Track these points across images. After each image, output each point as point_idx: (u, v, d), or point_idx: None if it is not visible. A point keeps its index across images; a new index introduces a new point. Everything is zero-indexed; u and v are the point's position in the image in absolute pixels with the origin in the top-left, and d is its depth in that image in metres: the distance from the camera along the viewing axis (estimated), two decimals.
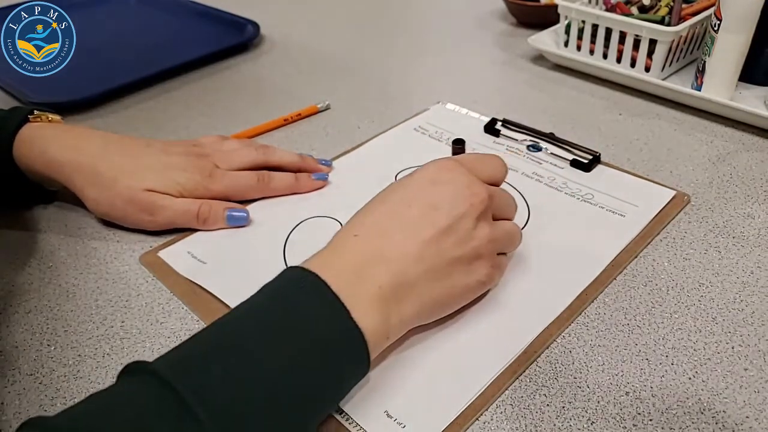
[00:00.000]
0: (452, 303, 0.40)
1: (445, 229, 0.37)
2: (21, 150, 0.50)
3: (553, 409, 0.36)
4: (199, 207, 0.49)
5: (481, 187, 0.39)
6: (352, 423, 0.35)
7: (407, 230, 0.37)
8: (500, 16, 0.91)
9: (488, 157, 0.43)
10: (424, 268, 0.36)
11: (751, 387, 0.37)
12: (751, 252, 0.47)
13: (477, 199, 0.38)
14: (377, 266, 0.35)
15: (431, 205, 0.38)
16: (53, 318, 0.43)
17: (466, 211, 0.38)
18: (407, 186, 0.39)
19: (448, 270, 0.37)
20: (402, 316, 0.36)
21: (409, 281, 0.36)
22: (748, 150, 0.59)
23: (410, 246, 0.36)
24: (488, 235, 0.39)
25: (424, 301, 0.37)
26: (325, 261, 0.36)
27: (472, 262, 0.38)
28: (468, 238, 0.38)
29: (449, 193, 0.38)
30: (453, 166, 0.40)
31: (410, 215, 0.37)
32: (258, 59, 0.81)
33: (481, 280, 0.39)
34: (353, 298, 0.33)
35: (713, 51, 0.61)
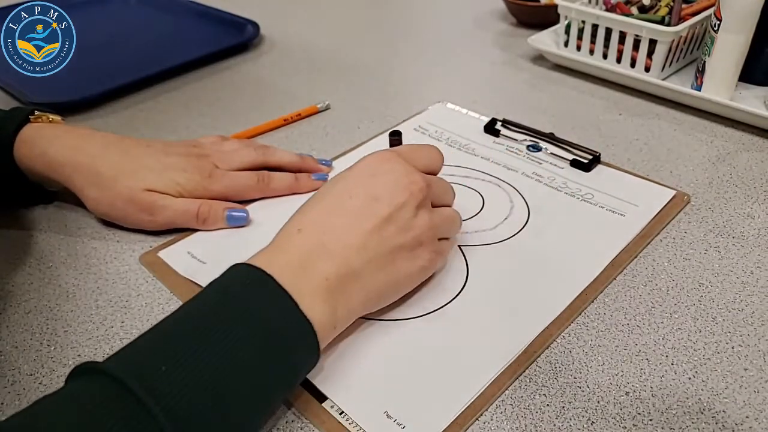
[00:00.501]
0: (397, 290, 0.41)
1: (387, 218, 0.38)
2: (21, 150, 0.50)
3: (553, 409, 0.36)
4: (198, 207, 0.49)
5: (419, 176, 0.40)
6: (353, 424, 0.35)
7: (349, 222, 0.38)
8: (500, 16, 0.91)
9: (424, 147, 0.44)
10: (368, 257, 0.37)
11: (751, 387, 0.37)
12: (750, 252, 0.47)
13: (416, 188, 0.39)
14: (322, 259, 0.36)
15: (372, 196, 0.38)
16: (53, 318, 0.43)
17: (405, 200, 0.39)
18: (347, 178, 0.40)
19: (391, 258, 0.38)
20: (349, 306, 0.37)
21: (354, 272, 0.37)
22: (748, 150, 0.59)
23: (353, 237, 0.37)
24: (428, 222, 0.40)
25: (369, 291, 0.38)
26: (271, 257, 0.36)
27: (414, 249, 0.40)
28: (409, 226, 0.39)
29: (389, 184, 0.39)
30: (390, 156, 0.41)
31: (351, 207, 0.38)
32: (258, 59, 0.81)
33: (423, 265, 0.40)
34: (300, 292, 0.34)
35: (713, 51, 0.61)
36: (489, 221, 0.50)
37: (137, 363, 0.29)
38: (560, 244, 0.47)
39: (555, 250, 0.47)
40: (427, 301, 0.43)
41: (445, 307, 0.42)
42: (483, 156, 0.58)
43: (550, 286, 0.44)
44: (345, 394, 0.37)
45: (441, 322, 0.41)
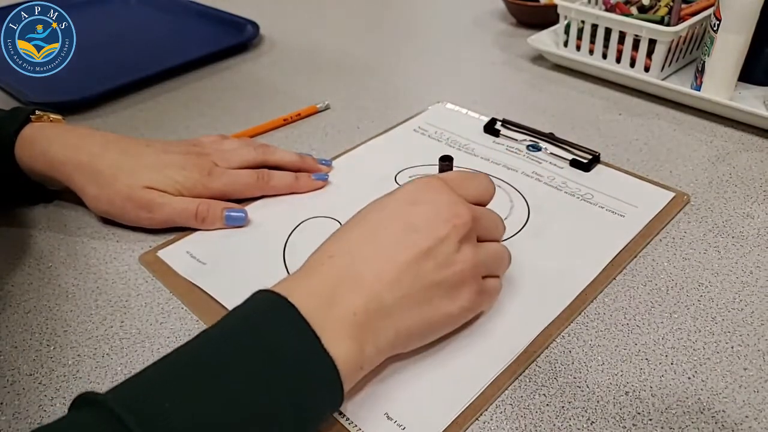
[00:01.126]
0: (433, 331, 0.37)
1: (425, 251, 0.35)
2: (22, 150, 0.50)
3: (552, 408, 0.36)
4: (197, 206, 0.49)
5: (465, 207, 0.37)
6: (353, 425, 0.35)
7: (384, 252, 0.35)
8: (500, 16, 0.91)
9: (475, 175, 0.41)
10: (402, 293, 0.34)
11: (751, 387, 0.37)
12: (750, 252, 0.47)
13: (459, 221, 0.36)
14: (351, 291, 0.33)
15: (410, 227, 0.36)
16: (52, 318, 0.43)
17: (447, 233, 0.36)
18: (386, 205, 0.37)
19: (428, 296, 0.35)
20: (378, 345, 0.34)
21: (386, 307, 0.34)
22: (748, 150, 0.59)
23: (387, 269, 0.34)
24: (472, 258, 0.36)
25: (401, 329, 0.35)
26: (297, 284, 0.34)
27: (455, 288, 0.36)
28: (449, 261, 0.35)
29: (429, 214, 0.36)
30: (435, 185, 0.38)
31: (388, 236, 0.35)
32: (258, 59, 0.81)
33: (464, 306, 0.37)
34: (325, 324, 0.31)
35: (713, 51, 0.61)
36: None
37: (140, 397, 0.27)
38: (560, 244, 0.47)
39: (555, 250, 0.47)
40: None
41: None
42: (483, 156, 0.58)
43: (550, 286, 0.44)
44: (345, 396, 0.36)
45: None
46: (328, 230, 0.49)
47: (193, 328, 0.42)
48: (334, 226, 0.49)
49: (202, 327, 0.42)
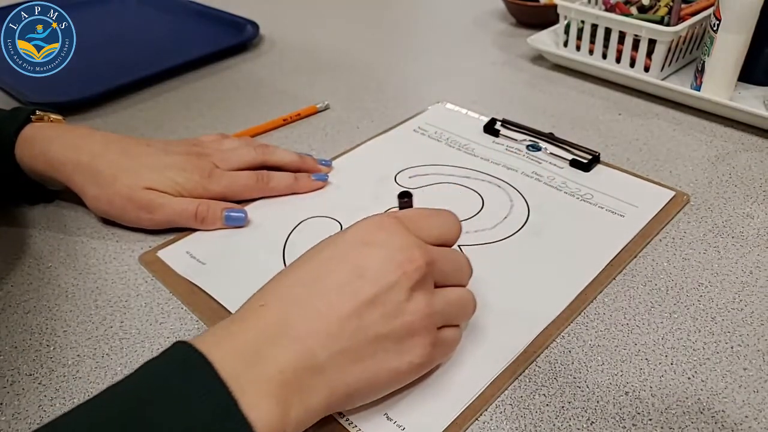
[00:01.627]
0: (377, 389, 0.34)
1: (370, 300, 0.32)
2: (23, 149, 0.50)
3: (552, 409, 0.36)
4: (197, 206, 0.49)
5: (419, 250, 0.33)
6: (353, 426, 0.35)
7: (323, 300, 0.32)
8: (499, 16, 0.91)
9: (437, 213, 0.37)
10: (340, 347, 0.31)
11: (750, 387, 0.37)
12: (750, 252, 0.47)
13: (411, 267, 0.32)
14: (280, 345, 0.30)
15: (356, 271, 0.32)
16: (52, 318, 0.43)
17: (396, 280, 0.32)
18: (334, 246, 0.34)
19: (371, 350, 0.32)
20: (307, 407, 0.30)
21: (319, 364, 0.30)
22: (748, 150, 0.59)
23: (324, 321, 0.31)
24: (425, 308, 0.33)
25: (337, 388, 0.31)
26: (222, 336, 0.31)
27: (404, 341, 0.33)
28: (398, 311, 0.32)
29: (379, 258, 0.33)
30: (390, 225, 0.34)
31: (330, 282, 0.32)
32: (257, 59, 0.81)
33: (414, 361, 0.33)
34: (245, 385, 0.28)
35: (712, 51, 0.61)
36: (489, 221, 0.50)
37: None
38: (560, 244, 0.47)
39: (554, 250, 0.47)
40: None
41: None
42: (482, 156, 0.58)
43: (550, 286, 0.44)
44: None
45: None
46: (328, 230, 0.49)
47: (192, 328, 0.42)
48: (333, 226, 0.50)
49: (202, 327, 0.42)
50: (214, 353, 0.29)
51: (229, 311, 0.42)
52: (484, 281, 0.44)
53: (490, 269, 0.45)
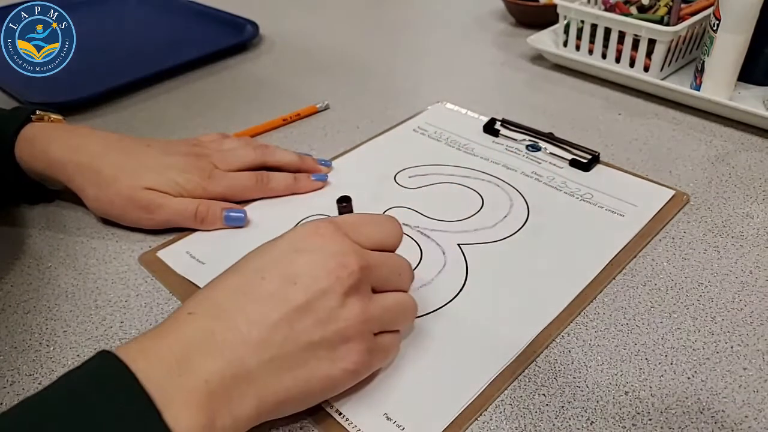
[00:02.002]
0: (309, 398, 0.33)
1: (302, 307, 0.31)
2: (23, 149, 0.50)
3: (552, 408, 0.36)
4: (197, 207, 0.49)
5: (354, 256, 0.33)
6: (352, 425, 0.35)
7: (254, 308, 0.31)
8: (499, 16, 0.91)
9: (378, 218, 0.37)
10: (270, 355, 0.30)
11: (750, 386, 0.37)
12: (750, 252, 0.47)
13: (345, 272, 0.32)
14: (207, 354, 0.29)
15: (288, 278, 0.32)
16: (52, 318, 0.43)
17: (329, 286, 0.32)
18: (266, 253, 0.34)
19: (303, 357, 0.31)
20: (235, 417, 0.30)
21: (247, 373, 0.30)
22: (747, 150, 0.59)
23: (253, 329, 0.30)
24: (359, 314, 0.32)
25: (267, 397, 0.31)
26: (148, 345, 0.30)
27: (337, 347, 0.32)
28: (331, 318, 0.32)
29: (312, 264, 0.32)
30: (326, 230, 0.34)
31: (261, 290, 0.32)
32: (257, 59, 0.81)
33: (348, 368, 0.33)
34: (171, 395, 0.27)
35: (712, 51, 0.61)
36: (488, 220, 0.50)
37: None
38: (559, 244, 0.47)
39: (554, 250, 0.47)
40: (426, 301, 0.43)
41: (444, 307, 0.42)
42: (482, 156, 0.58)
43: (549, 286, 0.44)
44: (344, 396, 0.36)
45: (440, 321, 0.41)
46: None
47: None
48: None
49: None
50: (138, 363, 0.28)
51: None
52: (483, 281, 0.44)
53: (490, 269, 0.45)
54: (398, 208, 0.52)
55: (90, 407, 0.27)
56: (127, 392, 0.27)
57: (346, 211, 0.47)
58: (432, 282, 0.44)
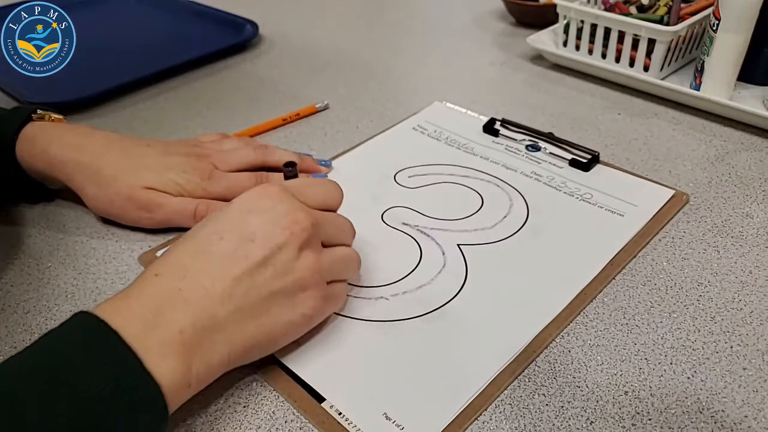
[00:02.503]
0: (274, 341, 0.36)
1: (261, 261, 0.34)
2: (23, 148, 0.50)
3: (552, 408, 0.36)
4: (196, 206, 0.49)
5: (304, 213, 0.36)
6: (352, 425, 0.35)
7: (215, 267, 0.34)
8: (499, 16, 0.91)
9: (320, 181, 0.41)
10: (235, 306, 0.33)
11: (750, 386, 0.37)
12: (749, 251, 0.47)
13: (298, 228, 0.35)
14: (177, 309, 0.32)
15: (245, 237, 0.35)
16: (52, 318, 0.43)
17: (285, 241, 0.35)
18: (221, 217, 0.36)
19: (266, 306, 0.35)
20: (208, 363, 0.33)
21: (217, 323, 0.33)
22: (747, 149, 0.59)
23: (218, 284, 0.33)
24: (313, 265, 0.36)
25: (235, 344, 0.34)
26: (120, 305, 0.32)
27: (296, 295, 0.36)
28: (288, 269, 0.35)
29: (266, 223, 0.35)
30: (274, 193, 0.37)
31: (220, 249, 0.34)
32: (257, 59, 0.81)
33: (306, 313, 0.36)
34: (148, 346, 0.30)
35: (712, 51, 0.61)
36: (488, 220, 0.50)
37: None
38: (559, 244, 0.47)
39: (554, 250, 0.47)
40: (425, 301, 0.43)
41: (443, 307, 0.42)
42: (482, 155, 0.58)
43: (549, 286, 0.44)
44: (343, 395, 0.37)
45: (440, 321, 0.41)
46: None
47: None
48: None
49: None
50: (114, 320, 0.30)
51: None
52: (483, 281, 0.44)
53: (490, 269, 0.45)
54: (398, 207, 0.52)
55: (74, 361, 0.29)
56: (110, 346, 0.29)
57: (292, 175, 0.50)
58: (432, 282, 0.44)
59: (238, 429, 0.36)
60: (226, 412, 0.37)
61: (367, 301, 0.43)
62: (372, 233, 0.49)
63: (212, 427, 0.36)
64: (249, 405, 0.37)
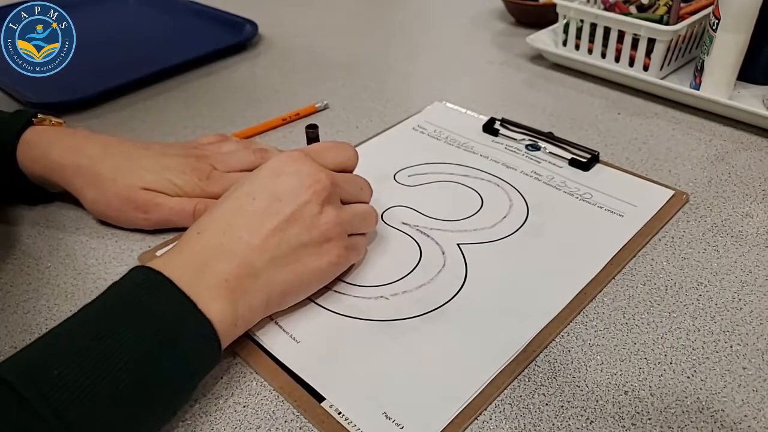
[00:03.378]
0: (304, 287, 0.41)
1: (289, 217, 0.39)
2: (23, 152, 0.50)
3: (552, 408, 0.36)
4: (195, 205, 0.49)
5: (324, 174, 0.40)
6: (351, 424, 0.35)
7: (250, 223, 0.38)
8: (499, 16, 0.91)
9: (337, 144, 0.45)
10: (270, 257, 0.38)
11: (750, 386, 0.37)
12: (749, 251, 0.47)
13: (320, 186, 0.40)
14: (221, 260, 0.37)
15: (274, 197, 0.39)
16: (52, 318, 0.43)
17: (309, 198, 0.39)
18: (253, 180, 0.41)
19: (296, 256, 0.39)
20: (250, 305, 0.38)
21: (255, 272, 0.37)
22: (747, 149, 0.59)
23: (254, 238, 0.38)
24: (335, 218, 0.40)
25: (272, 289, 0.38)
26: (170, 260, 0.37)
27: (322, 245, 0.40)
28: (313, 223, 0.39)
29: (292, 183, 0.40)
30: (298, 157, 0.41)
31: (254, 208, 0.39)
32: (256, 59, 0.81)
33: (332, 261, 0.41)
34: (199, 291, 0.35)
35: (712, 50, 0.61)
36: (488, 220, 0.50)
37: (30, 367, 0.30)
38: (559, 243, 0.47)
39: (554, 249, 0.47)
40: (425, 301, 0.43)
41: (443, 307, 0.42)
42: (482, 155, 0.58)
43: (549, 285, 0.44)
44: (343, 395, 0.37)
45: (439, 321, 0.41)
46: None
47: None
48: None
49: None
50: (168, 270, 0.35)
51: None
52: (483, 281, 0.44)
53: (489, 269, 0.45)
54: (398, 206, 0.52)
55: (140, 305, 0.34)
56: (169, 292, 0.34)
57: (314, 137, 0.54)
58: (431, 281, 0.44)
59: (238, 428, 0.36)
60: (227, 412, 0.37)
61: (367, 300, 0.43)
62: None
63: (212, 427, 0.36)
64: (249, 404, 0.37)
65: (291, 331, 0.41)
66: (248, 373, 0.39)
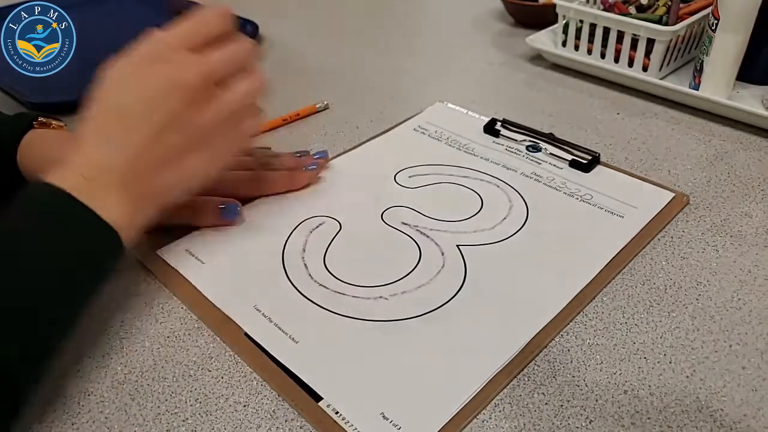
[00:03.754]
0: (192, 181, 0.43)
1: (164, 127, 0.39)
2: (24, 155, 0.50)
3: (551, 407, 0.36)
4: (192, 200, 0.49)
5: (190, 73, 0.40)
6: (349, 424, 0.35)
7: (131, 138, 0.39)
8: (498, 16, 0.91)
9: (198, 17, 0.45)
10: (154, 162, 0.40)
11: (749, 385, 0.37)
12: (748, 251, 0.47)
13: (188, 94, 0.40)
14: (107, 173, 0.38)
15: (148, 107, 0.40)
16: None
17: (175, 107, 0.39)
18: (124, 88, 0.42)
19: (178, 158, 0.41)
20: (143, 207, 0.40)
21: (143, 180, 0.39)
22: (746, 149, 0.59)
23: (132, 150, 0.39)
24: (214, 115, 0.41)
25: (162, 191, 0.41)
26: (62, 174, 0.38)
27: (206, 143, 0.41)
28: (189, 126, 0.40)
29: (160, 92, 0.40)
30: (155, 56, 0.42)
31: (130, 123, 0.40)
32: None
33: (215, 156, 0.43)
34: (94, 195, 0.37)
35: (711, 50, 0.61)
36: (488, 221, 0.50)
37: None
38: (559, 244, 0.48)
39: (553, 250, 0.47)
40: (424, 301, 0.43)
41: (442, 307, 0.42)
42: (482, 156, 0.58)
43: (549, 286, 0.44)
44: (341, 394, 0.37)
45: (439, 321, 0.41)
46: (328, 230, 0.49)
47: (192, 327, 0.42)
48: (333, 225, 0.50)
49: (202, 326, 0.42)
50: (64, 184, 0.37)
51: (227, 312, 0.42)
52: (482, 281, 0.44)
53: (489, 269, 0.45)
54: (398, 207, 0.52)
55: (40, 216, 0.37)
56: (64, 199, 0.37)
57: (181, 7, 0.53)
58: (431, 282, 0.44)
59: (238, 428, 0.36)
60: (227, 412, 0.37)
61: (366, 300, 0.43)
62: (372, 233, 0.49)
63: (213, 427, 0.36)
64: (249, 404, 0.37)
65: (290, 331, 0.41)
66: (249, 373, 0.39)
